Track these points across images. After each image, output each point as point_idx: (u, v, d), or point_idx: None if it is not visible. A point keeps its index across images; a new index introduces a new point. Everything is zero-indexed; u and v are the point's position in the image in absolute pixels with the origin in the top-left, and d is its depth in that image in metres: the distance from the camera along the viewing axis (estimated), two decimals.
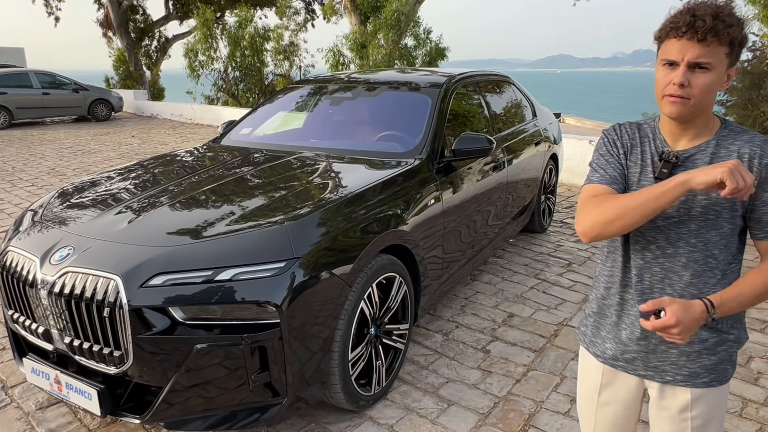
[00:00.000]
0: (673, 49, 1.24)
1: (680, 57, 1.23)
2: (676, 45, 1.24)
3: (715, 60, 1.22)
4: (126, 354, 2.09)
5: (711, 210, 1.30)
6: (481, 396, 2.76)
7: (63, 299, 2.15)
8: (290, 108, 4.31)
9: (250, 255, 2.15)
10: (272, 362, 2.13)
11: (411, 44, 15.74)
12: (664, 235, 1.35)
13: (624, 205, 1.26)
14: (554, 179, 5.44)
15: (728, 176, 1.12)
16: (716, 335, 1.37)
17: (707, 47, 1.21)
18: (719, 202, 1.29)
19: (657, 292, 1.38)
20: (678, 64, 1.24)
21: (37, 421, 2.59)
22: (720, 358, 1.38)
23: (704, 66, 1.22)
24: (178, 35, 24.46)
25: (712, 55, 1.22)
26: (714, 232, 1.31)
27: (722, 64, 1.24)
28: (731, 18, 1.21)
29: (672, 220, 1.34)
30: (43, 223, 2.55)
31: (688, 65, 1.23)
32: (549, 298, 3.91)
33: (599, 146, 1.47)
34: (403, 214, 2.77)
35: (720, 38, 1.20)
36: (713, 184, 1.15)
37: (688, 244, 1.33)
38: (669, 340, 1.22)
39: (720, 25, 1.19)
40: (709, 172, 1.15)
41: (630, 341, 1.44)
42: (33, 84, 14.64)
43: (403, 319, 2.86)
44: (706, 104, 1.28)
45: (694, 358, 1.38)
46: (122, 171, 3.27)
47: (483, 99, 4.20)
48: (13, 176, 8.15)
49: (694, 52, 1.21)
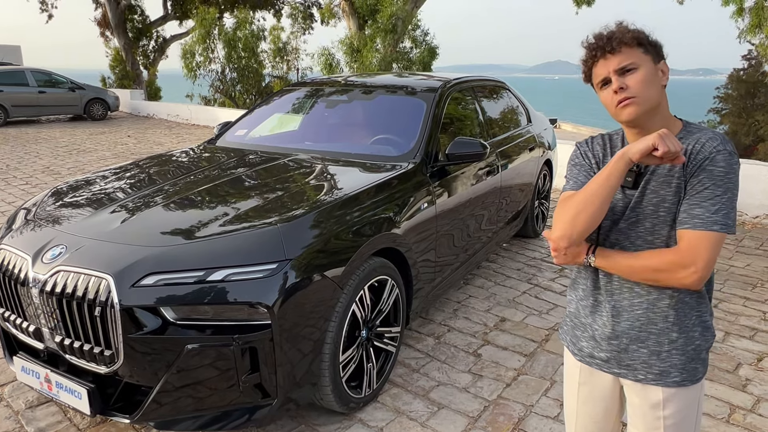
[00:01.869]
0: (599, 71, 1.39)
1: (607, 71, 1.37)
2: (599, 67, 1.39)
3: (635, 59, 1.35)
4: (117, 353, 2.09)
5: (660, 207, 1.37)
6: (471, 399, 2.77)
7: (54, 298, 2.16)
8: (286, 110, 4.33)
9: (243, 256, 2.16)
10: (263, 363, 2.14)
11: (408, 46, 15.77)
12: (624, 235, 1.43)
13: (582, 197, 1.34)
14: (548, 185, 5.47)
15: (659, 141, 1.23)
16: (684, 335, 1.41)
17: (621, 53, 1.35)
18: (667, 198, 1.36)
19: (626, 291, 1.44)
20: (609, 77, 1.37)
21: (26, 420, 2.58)
22: (689, 357, 1.42)
23: (629, 68, 1.35)
24: (175, 35, 24.46)
25: (629, 56, 1.35)
26: (667, 227, 1.37)
27: (645, 60, 1.36)
28: (626, 28, 1.38)
29: (630, 221, 1.41)
30: (35, 221, 2.56)
31: (617, 73, 1.36)
32: (541, 302, 3.93)
33: (572, 158, 1.56)
34: (396, 217, 2.79)
35: (626, 42, 1.35)
36: (647, 150, 1.25)
37: (646, 242, 1.40)
38: None
39: (618, 34, 1.36)
40: (642, 141, 1.26)
41: (602, 340, 1.49)
42: (29, 82, 14.61)
43: (394, 322, 2.87)
44: (653, 101, 1.36)
45: (664, 358, 1.42)
46: (117, 170, 3.28)
47: (478, 104, 4.23)
48: (7, 174, 8.12)
49: (614, 62, 1.35)
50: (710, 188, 1.29)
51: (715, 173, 1.29)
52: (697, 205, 1.30)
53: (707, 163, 1.30)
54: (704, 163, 1.30)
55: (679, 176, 1.34)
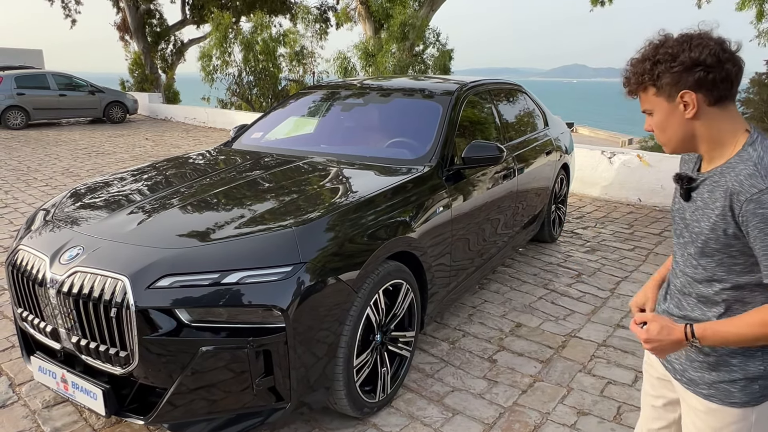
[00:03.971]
0: None
1: None
2: None
3: (648, 105, 1.35)
4: (132, 355, 2.09)
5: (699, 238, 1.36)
6: (486, 406, 2.74)
7: (71, 298, 2.17)
8: (301, 113, 4.33)
9: (257, 258, 2.15)
10: (277, 366, 2.13)
11: (422, 50, 15.76)
12: None
13: None
14: (565, 189, 5.41)
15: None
16: (716, 355, 1.37)
17: (642, 97, 1.35)
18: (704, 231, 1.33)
19: None
20: None
21: (43, 420, 2.60)
22: (720, 378, 1.38)
23: (648, 112, 1.36)
24: (193, 39, 24.75)
25: (644, 101, 1.35)
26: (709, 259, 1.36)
27: (658, 103, 1.33)
28: (643, 64, 1.31)
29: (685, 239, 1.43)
30: (54, 222, 2.58)
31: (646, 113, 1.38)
32: (557, 308, 3.88)
33: None
34: (412, 221, 2.77)
35: (642, 86, 1.33)
36: None
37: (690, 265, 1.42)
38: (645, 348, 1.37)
39: (634, 77, 1.33)
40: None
41: None
42: (50, 85, 14.86)
43: (409, 327, 2.84)
44: (677, 139, 1.34)
45: (696, 368, 1.42)
46: (134, 172, 3.30)
47: (494, 107, 4.20)
48: (28, 176, 8.25)
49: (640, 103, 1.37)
50: None
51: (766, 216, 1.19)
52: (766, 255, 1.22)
53: (754, 207, 1.20)
54: (750, 207, 1.21)
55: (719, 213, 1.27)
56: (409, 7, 15.05)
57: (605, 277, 4.49)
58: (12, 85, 14.05)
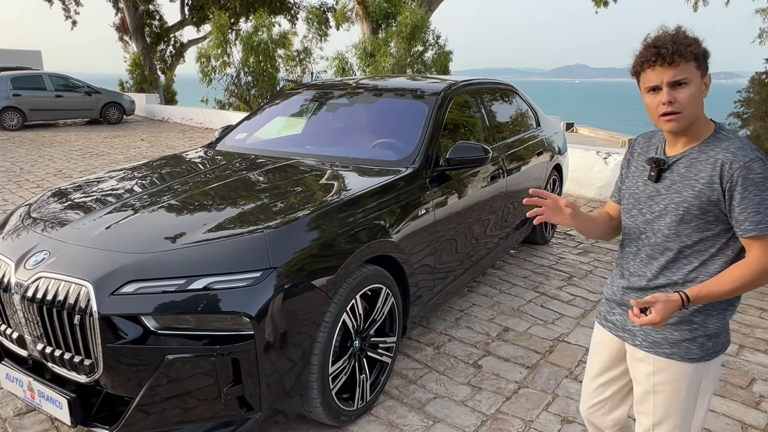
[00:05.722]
0: (652, 77, 1.45)
1: (660, 81, 1.44)
2: (652, 74, 1.45)
3: (689, 75, 1.43)
4: (96, 363, 2.03)
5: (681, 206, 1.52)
6: (468, 413, 2.67)
7: (35, 305, 2.11)
8: (287, 113, 4.26)
9: (226, 264, 2.09)
10: (246, 375, 2.06)
11: (421, 50, 15.67)
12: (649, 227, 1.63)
13: None
14: (558, 190, 5.33)
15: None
16: (680, 314, 1.53)
17: (678, 67, 1.42)
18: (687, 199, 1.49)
19: None
20: (660, 87, 1.45)
21: (14, 428, 2.54)
22: (682, 336, 1.54)
23: (683, 82, 1.43)
24: (193, 40, 24.69)
25: (685, 71, 1.43)
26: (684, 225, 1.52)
27: (696, 76, 1.44)
28: (687, 39, 1.43)
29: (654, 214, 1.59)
30: (23, 225, 2.52)
31: (669, 85, 1.43)
32: (547, 312, 3.81)
33: None
34: (391, 224, 2.70)
35: (685, 57, 1.41)
36: None
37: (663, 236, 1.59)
38: None
39: (680, 47, 1.41)
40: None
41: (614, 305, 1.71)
42: (46, 86, 14.82)
43: (390, 332, 2.77)
44: (695, 116, 1.47)
45: (659, 330, 1.56)
46: (112, 174, 3.24)
47: (483, 107, 4.12)
48: (20, 177, 8.20)
49: (669, 74, 1.42)
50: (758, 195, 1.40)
51: (756, 180, 1.40)
52: (755, 212, 1.40)
53: (746, 173, 1.40)
54: (742, 173, 1.40)
55: (706, 182, 1.45)
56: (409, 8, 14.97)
57: (597, 279, 4.41)
58: (8, 86, 14.02)
